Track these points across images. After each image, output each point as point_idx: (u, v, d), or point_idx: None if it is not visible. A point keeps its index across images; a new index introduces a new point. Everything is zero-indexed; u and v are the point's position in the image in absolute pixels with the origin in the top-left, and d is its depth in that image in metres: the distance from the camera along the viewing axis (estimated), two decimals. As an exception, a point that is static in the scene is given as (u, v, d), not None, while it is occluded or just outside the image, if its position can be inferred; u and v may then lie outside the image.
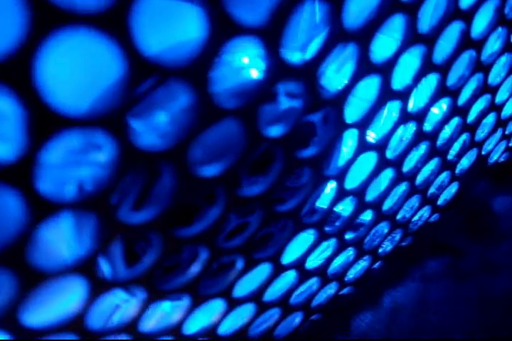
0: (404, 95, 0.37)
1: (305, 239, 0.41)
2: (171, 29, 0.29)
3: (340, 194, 0.39)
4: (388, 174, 0.42)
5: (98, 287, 0.28)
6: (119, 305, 0.34)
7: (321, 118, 0.37)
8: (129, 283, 0.29)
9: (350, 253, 0.46)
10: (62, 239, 0.27)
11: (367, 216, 0.45)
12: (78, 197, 0.24)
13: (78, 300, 0.28)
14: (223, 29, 0.24)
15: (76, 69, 0.24)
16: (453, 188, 0.55)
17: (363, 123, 0.36)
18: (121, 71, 0.21)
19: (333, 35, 0.29)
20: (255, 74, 0.34)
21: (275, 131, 0.29)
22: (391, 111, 0.41)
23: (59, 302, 0.28)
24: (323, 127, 0.37)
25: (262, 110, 0.28)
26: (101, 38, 0.20)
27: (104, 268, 0.28)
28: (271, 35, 0.26)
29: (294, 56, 0.28)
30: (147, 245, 0.30)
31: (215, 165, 0.28)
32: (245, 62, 0.34)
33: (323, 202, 0.40)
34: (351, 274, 0.50)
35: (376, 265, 0.52)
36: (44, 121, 0.20)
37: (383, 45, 0.33)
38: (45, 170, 0.24)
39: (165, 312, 0.37)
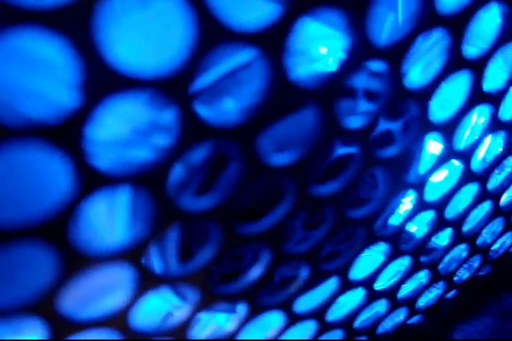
0: (495, 99, 0.33)
1: (375, 258, 0.37)
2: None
3: (419, 207, 0.35)
4: (472, 189, 0.38)
5: (147, 281, 0.25)
6: (171, 313, 0.32)
7: (401, 127, 0.34)
8: (180, 281, 0.27)
9: (423, 277, 0.42)
10: (113, 219, 0.25)
11: (442, 239, 0.42)
12: (136, 175, 0.22)
13: (124, 293, 0.25)
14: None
15: (143, 25, 0.22)
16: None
17: (448, 129, 0.32)
18: (194, 35, 0.19)
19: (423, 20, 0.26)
20: (331, 66, 0.31)
21: (354, 123, 0.26)
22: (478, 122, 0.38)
23: (103, 293, 0.25)
24: (402, 136, 0.34)
25: (340, 102, 0.25)
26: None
27: (155, 260, 0.25)
28: (356, 10, 0.23)
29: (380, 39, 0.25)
30: (204, 243, 0.28)
31: (287, 154, 0.25)
32: (322, 53, 0.31)
33: (397, 219, 0.37)
34: (422, 302, 0.45)
35: (450, 294, 0.48)
36: (101, 79, 0.18)
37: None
38: (106, 145, 0.23)
39: (218, 325, 0.34)
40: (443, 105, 0.33)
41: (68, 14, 0.17)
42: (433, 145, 0.36)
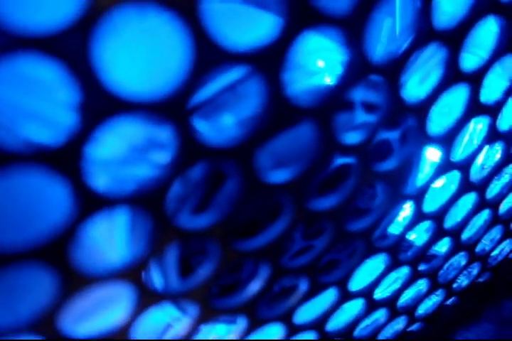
0: (494, 110, 0.33)
1: (375, 266, 0.37)
2: (245, 24, 0.27)
3: (418, 217, 0.35)
4: (470, 198, 0.38)
5: (147, 297, 0.25)
6: (171, 325, 0.32)
7: (399, 137, 0.34)
8: (181, 297, 0.27)
9: (422, 285, 0.42)
10: (112, 239, 0.25)
11: (441, 246, 0.42)
12: (134, 195, 0.22)
13: (125, 311, 0.25)
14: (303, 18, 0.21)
15: (139, 48, 0.22)
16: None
17: (446, 140, 0.32)
18: (190, 56, 0.19)
19: (421, 35, 0.26)
20: (329, 80, 0.31)
21: (353, 137, 0.27)
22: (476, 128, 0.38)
23: (103, 311, 0.25)
24: (400, 145, 0.34)
25: (338, 116, 0.25)
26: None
27: (155, 277, 0.25)
28: (353, 26, 0.23)
29: (377, 53, 0.25)
30: (204, 259, 0.28)
31: (285, 170, 0.25)
32: (320, 66, 0.31)
33: (396, 228, 0.37)
34: (422, 309, 0.45)
35: (449, 301, 0.48)
36: (99, 102, 0.18)
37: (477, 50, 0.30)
38: (104, 164, 0.23)
39: (219, 336, 0.34)
40: (441, 114, 0.33)
41: (64, 39, 0.17)
42: (432, 153, 0.36)
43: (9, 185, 0.18)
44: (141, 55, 0.23)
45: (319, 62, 0.31)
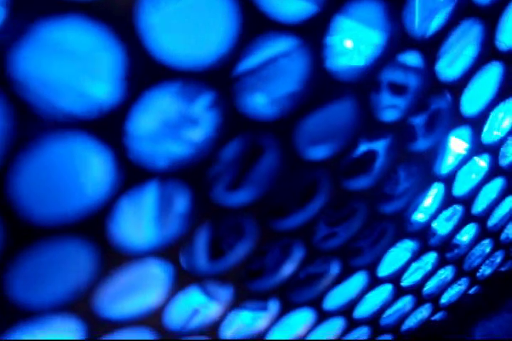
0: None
1: (400, 254, 0.37)
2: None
3: (445, 202, 0.35)
4: (497, 184, 0.38)
5: (181, 279, 0.25)
6: (198, 310, 0.31)
7: (425, 121, 0.34)
8: (214, 279, 0.26)
9: (447, 272, 0.42)
10: (147, 216, 0.24)
11: (467, 234, 0.41)
12: (168, 170, 0.21)
13: (160, 291, 0.25)
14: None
15: (185, 13, 0.22)
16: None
17: (476, 123, 0.32)
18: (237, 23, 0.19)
19: (459, 10, 0.26)
20: (358, 61, 0.30)
21: (389, 115, 0.26)
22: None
23: (137, 291, 0.25)
24: (425, 128, 0.33)
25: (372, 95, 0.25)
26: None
27: (186, 259, 0.24)
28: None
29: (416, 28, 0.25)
30: (235, 241, 0.27)
31: (324, 147, 0.25)
32: (348, 47, 0.31)
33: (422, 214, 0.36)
34: (445, 298, 0.45)
35: (472, 290, 0.47)
36: (144, 69, 0.18)
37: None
38: (137, 140, 0.22)
39: (244, 324, 0.34)
40: (470, 98, 0.32)
41: (110, 3, 0.16)
42: (456, 143, 0.36)
43: (48, 157, 0.18)
44: (187, 20, 0.22)
45: (349, 41, 0.30)
